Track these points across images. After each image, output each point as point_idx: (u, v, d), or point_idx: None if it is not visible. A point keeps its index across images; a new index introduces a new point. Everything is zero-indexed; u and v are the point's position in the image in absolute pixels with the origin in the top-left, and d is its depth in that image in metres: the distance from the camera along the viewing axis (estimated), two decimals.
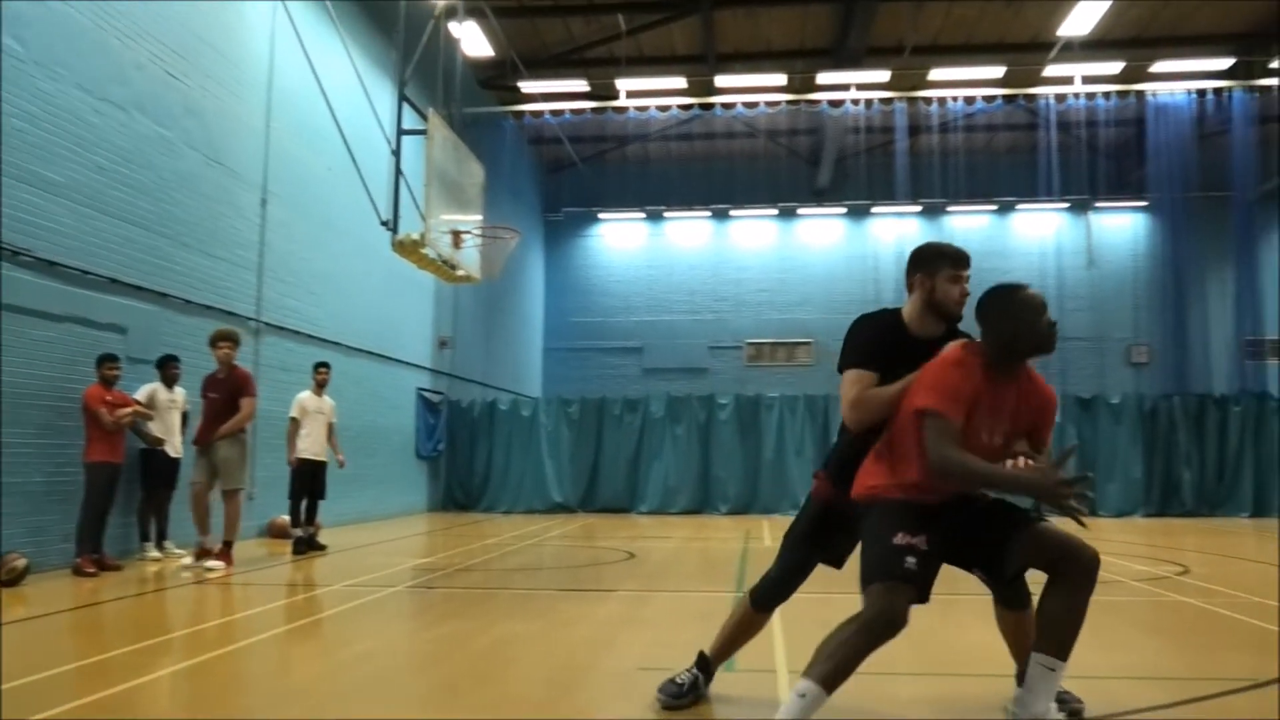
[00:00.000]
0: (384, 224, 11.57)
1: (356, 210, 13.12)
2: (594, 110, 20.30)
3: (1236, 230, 21.11)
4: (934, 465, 3.32)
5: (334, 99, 12.24)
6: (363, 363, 15.09)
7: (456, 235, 12.01)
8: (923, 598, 3.43)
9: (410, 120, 12.42)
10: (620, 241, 28.00)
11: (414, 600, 7.31)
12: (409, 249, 11.29)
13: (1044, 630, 3.48)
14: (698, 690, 4.15)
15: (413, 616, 6.76)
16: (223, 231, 11.37)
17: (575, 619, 6.20)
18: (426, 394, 17.93)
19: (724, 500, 18.22)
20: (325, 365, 11.00)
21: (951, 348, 3.55)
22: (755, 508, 18.15)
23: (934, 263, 3.79)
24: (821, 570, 4.34)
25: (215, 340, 9.22)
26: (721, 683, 4.48)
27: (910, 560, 3.37)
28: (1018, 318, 3.42)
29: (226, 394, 9.07)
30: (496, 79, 20.70)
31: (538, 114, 20.29)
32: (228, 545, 8.90)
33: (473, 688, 4.41)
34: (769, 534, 13.69)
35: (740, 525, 15.37)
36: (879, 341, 3.79)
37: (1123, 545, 11.87)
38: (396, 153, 11.94)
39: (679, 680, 4.13)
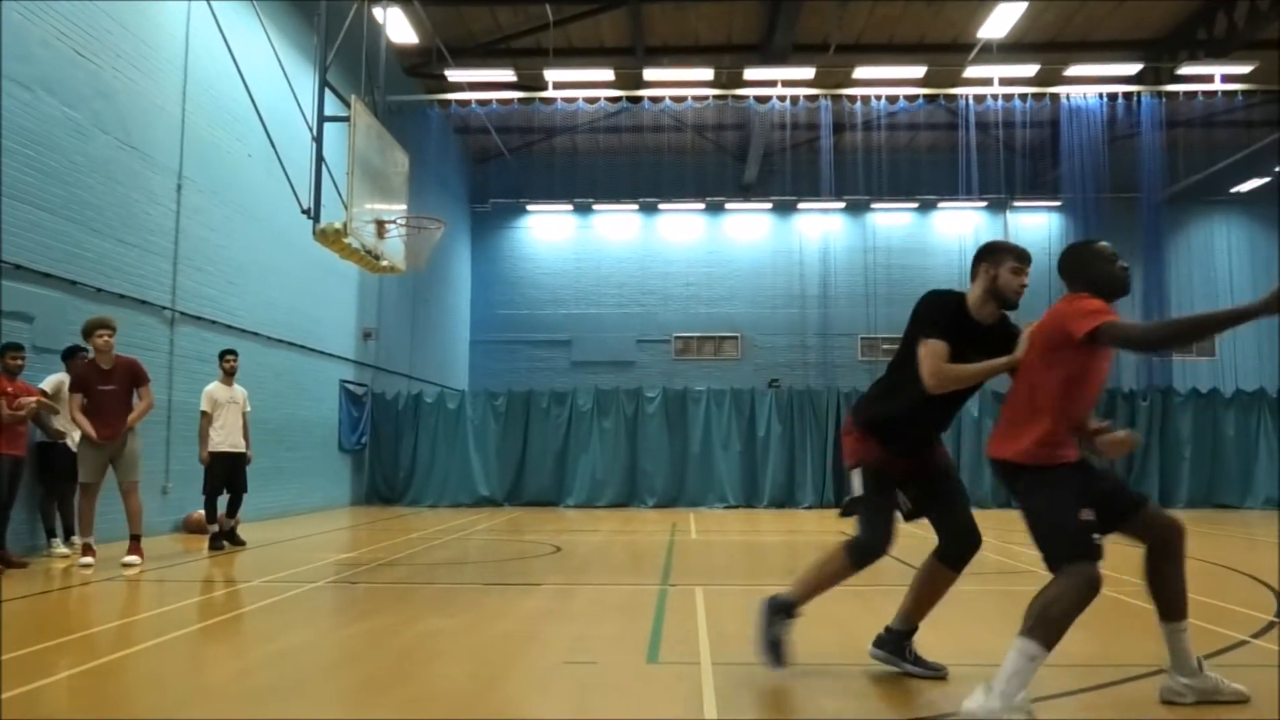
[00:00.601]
0: (305, 212, 11.32)
1: (277, 198, 12.81)
2: (521, 101, 20.14)
3: (1144, 231, 21.87)
4: (1146, 341, 3.92)
5: (253, 83, 11.91)
6: (283, 354, 14.76)
7: (380, 225, 11.81)
8: None
9: (333, 106, 12.17)
10: (548, 234, 27.87)
11: (335, 596, 7.18)
12: (331, 238, 11.06)
13: (1173, 599, 4.00)
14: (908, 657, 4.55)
15: (333, 613, 6.64)
16: (136, 218, 11.00)
17: (500, 613, 6.15)
18: (350, 386, 17.63)
19: (651, 493, 18.29)
20: (233, 353, 10.57)
21: (1068, 299, 3.92)
22: (682, 501, 18.25)
23: (1000, 255, 4.33)
24: (748, 563, 4.35)
25: (93, 330, 8.62)
26: (644, 675, 4.49)
27: (1096, 537, 3.75)
28: (1104, 261, 3.99)
29: (122, 384, 8.68)
30: (422, 67, 20.40)
31: (464, 103, 20.04)
32: (137, 539, 8.62)
33: (394, 684, 4.35)
34: (695, 527, 13.78)
35: (667, 518, 15.45)
36: (952, 317, 4.22)
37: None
38: (318, 139, 11.68)
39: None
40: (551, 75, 19.09)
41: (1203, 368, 24.89)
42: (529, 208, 27.51)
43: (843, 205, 26.61)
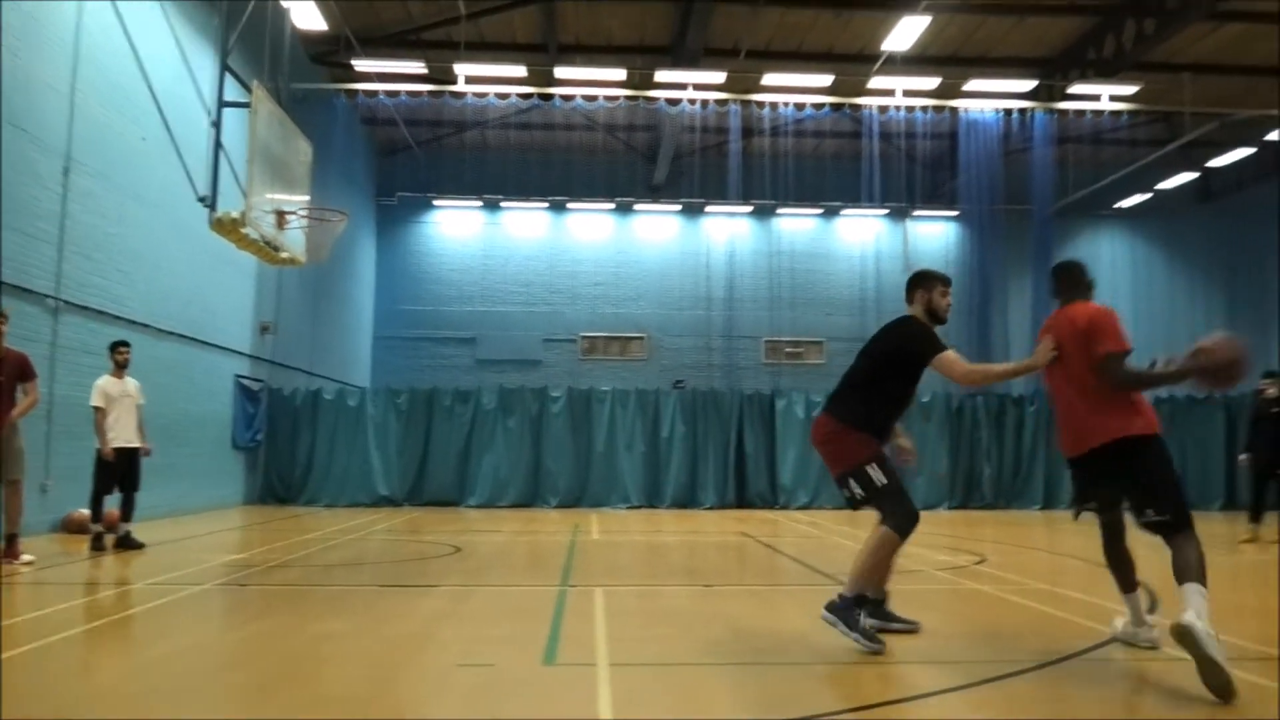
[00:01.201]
0: (201, 200, 10.97)
1: (172, 184, 12.36)
2: (431, 94, 19.85)
3: (1035, 242, 22.74)
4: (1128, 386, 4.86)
5: (149, 63, 11.47)
6: (175, 347, 14.25)
7: (281, 215, 11.52)
8: None
9: (233, 92, 11.82)
10: (456, 229, 27.56)
11: (225, 598, 6.97)
12: (228, 228, 10.74)
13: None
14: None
15: (223, 615, 6.45)
16: (18, 201, 10.46)
17: (395, 615, 6.06)
18: (245, 381, 17.12)
19: (554, 493, 18.23)
20: (125, 344, 10.11)
21: (1094, 307, 5.15)
22: (586, 501, 18.25)
23: (931, 281, 5.51)
24: (649, 563, 4.40)
25: None
26: (540, 677, 4.49)
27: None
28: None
29: (9, 379, 8.27)
30: (329, 55, 19.95)
31: (372, 94, 19.65)
32: (14, 538, 8.21)
33: (283, 687, 4.25)
34: (597, 527, 13.80)
35: (570, 518, 15.43)
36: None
37: (928, 536, 12.58)
38: (217, 125, 11.34)
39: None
40: (463, 69, 18.87)
41: None
42: (436, 202, 27.15)
43: (750, 209, 26.98)
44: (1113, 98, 20.08)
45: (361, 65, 19.11)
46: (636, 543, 11.70)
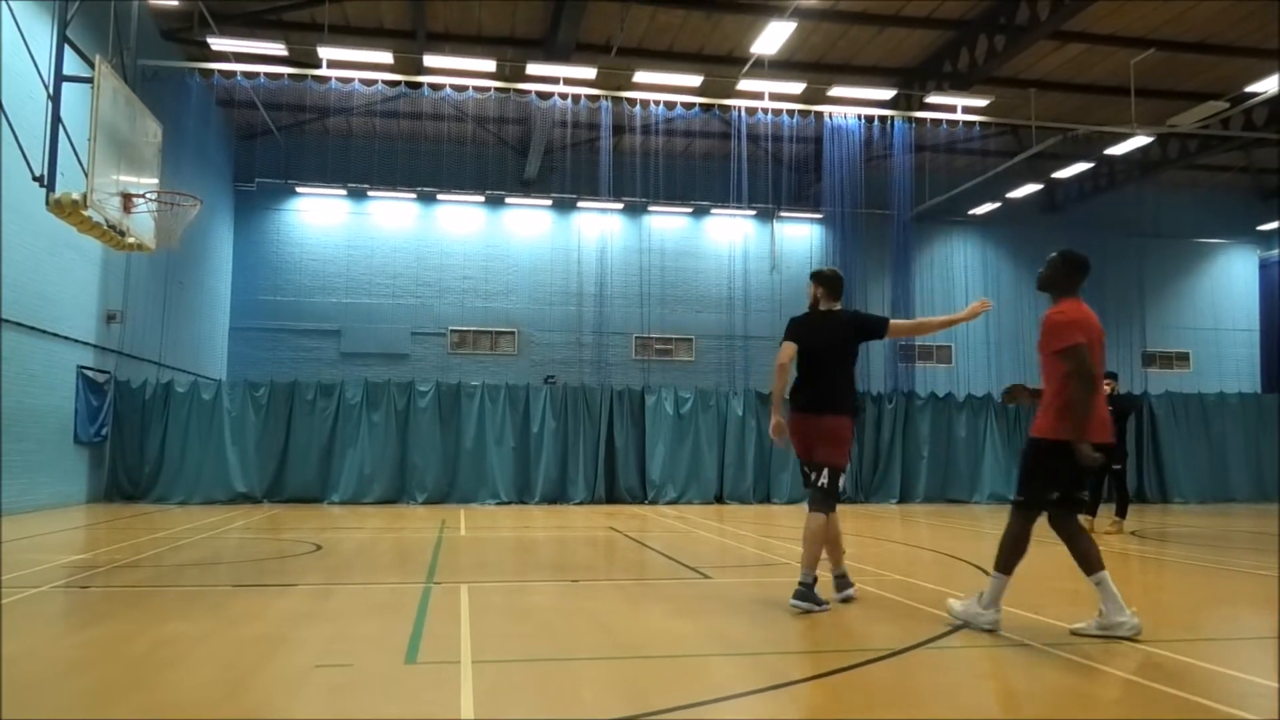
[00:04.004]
0: (37, 180, 10.27)
1: (5, 162, 11.54)
2: (292, 77, 19.13)
3: (894, 246, 23.63)
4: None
5: None
6: (10, 335, 13.31)
7: (127, 198, 10.90)
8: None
9: (75, 66, 11.11)
10: (319, 218, 26.68)
11: (65, 601, 6.57)
12: (68, 210, 10.09)
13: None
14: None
15: (61, 619, 6.07)
16: None
17: (249, 615, 5.83)
18: (89, 373, 16.15)
19: (421, 489, 17.88)
20: None
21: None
22: (453, 497, 17.97)
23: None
24: (517, 559, 4.36)
25: None
26: (401, 676, 4.39)
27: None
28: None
29: None
30: (182, 32, 19.01)
31: (229, 74, 18.79)
32: None
33: (125, 694, 4.03)
34: (465, 523, 13.62)
35: (437, 515, 15.17)
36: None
37: (791, 530, 12.92)
38: (55, 100, 10.63)
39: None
40: (326, 53, 18.25)
41: (940, 374, 27.18)
42: (299, 189, 26.21)
43: (621, 206, 27.09)
44: (966, 109, 21.01)
45: (218, 44, 18.24)
46: (504, 539, 11.60)
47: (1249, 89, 20.52)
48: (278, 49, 18.46)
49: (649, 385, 20.28)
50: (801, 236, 28.19)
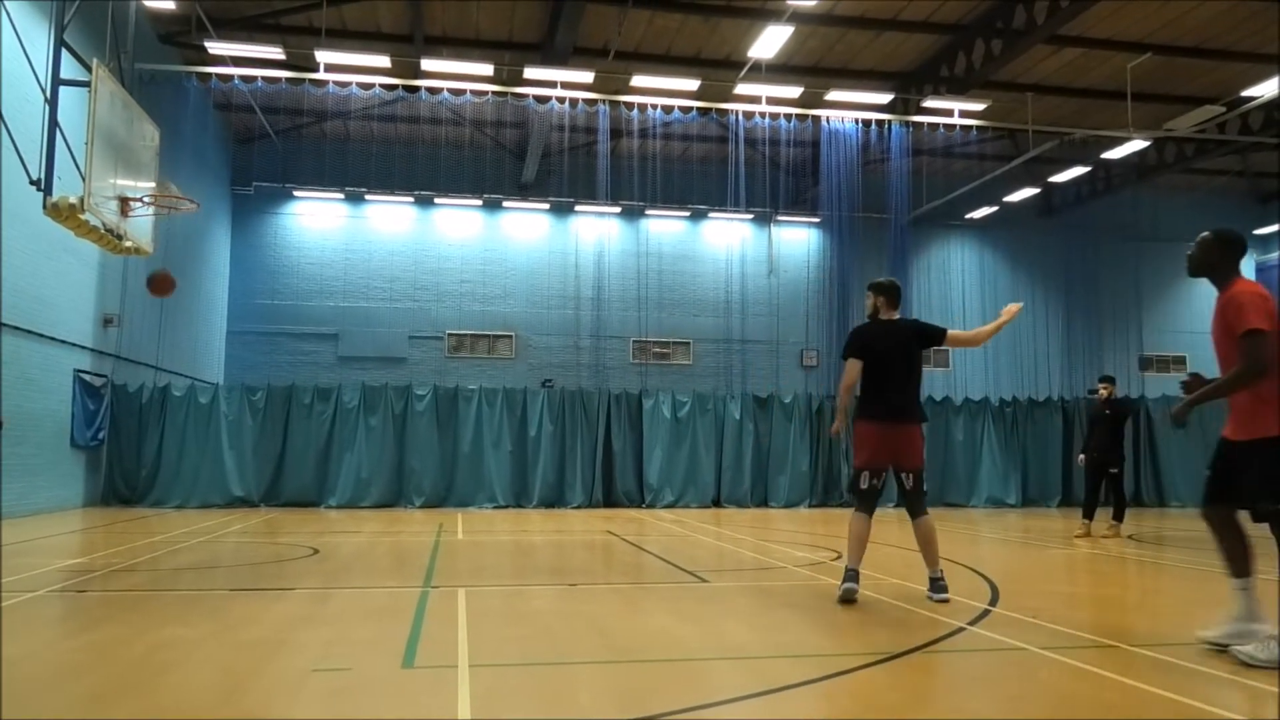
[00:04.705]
0: (34, 183, 10.28)
1: (3, 166, 11.53)
2: (290, 81, 19.12)
3: (892, 249, 23.63)
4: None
5: None
6: (7, 339, 13.29)
7: (124, 202, 10.91)
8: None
9: (72, 70, 11.12)
10: (316, 221, 26.68)
11: (62, 605, 6.56)
12: (65, 214, 10.10)
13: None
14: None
15: (58, 623, 6.06)
16: None
17: (246, 620, 5.82)
18: (86, 376, 16.14)
19: (419, 493, 17.87)
20: None
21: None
22: (451, 501, 17.96)
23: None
24: (514, 563, 4.36)
25: None
26: (399, 680, 4.39)
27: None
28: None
29: None
30: (180, 35, 19.02)
31: (226, 78, 18.79)
32: None
33: (123, 697, 4.02)
34: (463, 527, 13.61)
35: (434, 518, 15.16)
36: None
37: (788, 534, 12.94)
38: (52, 104, 10.64)
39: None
40: (324, 56, 18.26)
41: (938, 378, 27.18)
42: (296, 193, 26.22)
43: (618, 210, 27.10)
44: (963, 113, 21.05)
45: (215, 48, 18.26)
46: (502, 543, 11.59)
47: (1245, 93, 20.57)
48: (275, 53, 18.46)
49: (646, 389, 20.28)
50: (799, 240, 28.22)
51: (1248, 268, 30.05)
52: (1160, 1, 18.42)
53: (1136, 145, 22.83)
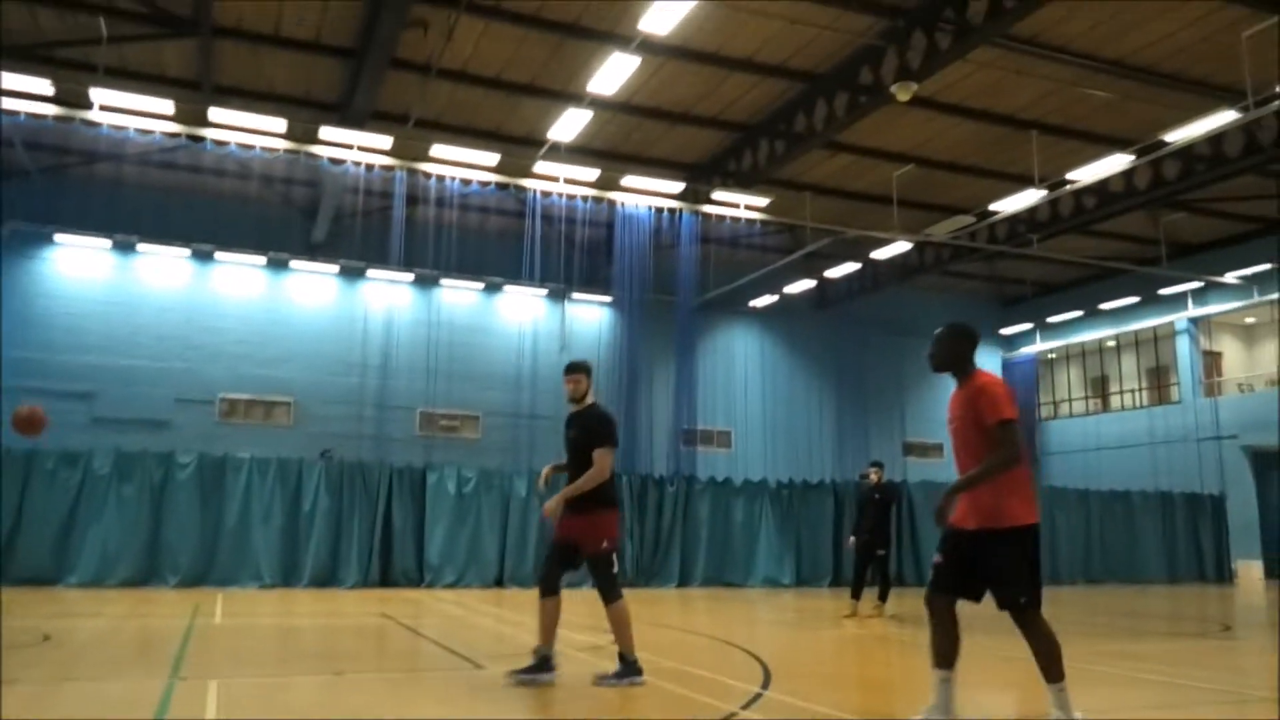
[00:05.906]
0: None
1: None
2: (58, 119, 17.70)
3: (679, 332, 24.43)
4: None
5: None
6: None
7: None
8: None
9: None
10: (77, 269, 24.58)
11: None
12: None
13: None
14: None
15: None
16: None
17: None
18: None
19: (174, 570, 16.43)
20: None
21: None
22: (210, 579, 16.60)
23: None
24: (277, 650, 4.04)
25: None
26: None
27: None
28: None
29: None
30: None
31: None
32: None
33: None
34: (222, 609, 12.65)
35: (190, 599, 14.00)
36: None
37: (571, 616, 12.76)
38: None
39: None
40: (99, 95, 17.07)
41: (720, 458, 28.02)
42: (57, 237, 24.14)
43: (411, 277, 26.62)
44: (748, 206, 22.21)
45: None
46: (265, 626, 10.84)
47: (992, 206, 22.91)
48: (43, 86, 17.06)
49: (431, 463, 19.73)
50: (591, 319, 28.61)
51: (994, 362, 33.16)
52: (924, 119, 20.28)
53: (900, 247, 24.84)
